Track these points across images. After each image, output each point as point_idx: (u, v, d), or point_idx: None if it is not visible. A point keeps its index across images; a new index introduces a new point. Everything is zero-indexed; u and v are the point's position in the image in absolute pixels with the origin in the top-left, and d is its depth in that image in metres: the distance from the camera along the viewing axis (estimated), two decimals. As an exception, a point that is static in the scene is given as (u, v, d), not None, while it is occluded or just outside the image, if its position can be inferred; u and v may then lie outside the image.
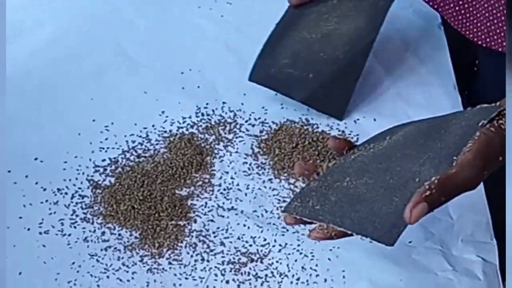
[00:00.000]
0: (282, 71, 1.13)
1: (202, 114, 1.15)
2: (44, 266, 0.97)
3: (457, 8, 1.14)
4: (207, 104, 1.16)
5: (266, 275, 0.97)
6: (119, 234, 1.00)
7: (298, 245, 1.00)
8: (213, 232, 1.01)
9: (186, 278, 0.97)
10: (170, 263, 0.98)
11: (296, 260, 0.99)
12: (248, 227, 1.02)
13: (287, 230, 1.01)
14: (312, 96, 1.13)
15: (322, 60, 1.13)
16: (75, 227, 1.01)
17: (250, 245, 1.00)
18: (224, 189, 1.06)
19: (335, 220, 0.81)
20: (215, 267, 0.98)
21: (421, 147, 0.82)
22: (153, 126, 1.13)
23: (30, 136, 1.11)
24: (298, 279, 0.97)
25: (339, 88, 1.13)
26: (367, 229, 0.78)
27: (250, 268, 0.98)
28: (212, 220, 1.03)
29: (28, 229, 1.00)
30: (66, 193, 1.05)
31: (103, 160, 1.09)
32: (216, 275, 0.97)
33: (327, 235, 0.83)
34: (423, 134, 0.85)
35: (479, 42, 1.14)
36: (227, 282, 0.96)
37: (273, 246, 1.00)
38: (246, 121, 1.14)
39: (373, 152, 0.87)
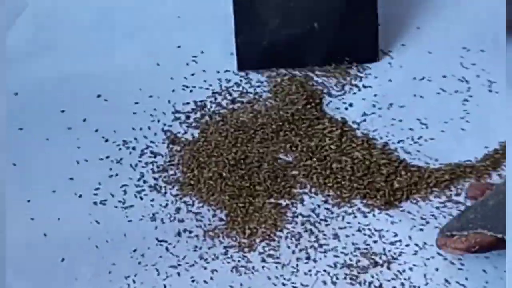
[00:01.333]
0: (279, 38, 0.98)
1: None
2: (95, 252, 0.84)
3: None
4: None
5: (394, 288, 0.82)
6: (199, 213, 0.87)
7: (442, 247, 0.85)
8: (325, 220, 0.87)
9: (283, 284, 0.82)
10: (263, 260, 0.84)
11: (437, 269, 0.83)
12: (374, 215, 0.87)
13: (427, 223, 0.86)
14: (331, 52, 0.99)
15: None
16: (141, 198, 0.88)
17: (375, 242, 0.86)
18: (346, 157, 0.95)
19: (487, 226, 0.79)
20: (324, 270, 0.83)
21: None
22: (255, 61, 1.02)
23: (94, 62, 0.98)
24: (439, 296, 0.82)
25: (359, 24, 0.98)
26: None
27: (372, 276, 0.83)
28: (325, 201, 0.88)
29: (80, 196, 0.88)
30: (133, 148, 0.92)
31: (187, 104, 0.96)
32: (324, 282, 0.82)
33: (465, 243, 0.79)
34: None
35: None
36: (339, 293, 0.82)
37: (407, 245, 0.85)
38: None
39: None
